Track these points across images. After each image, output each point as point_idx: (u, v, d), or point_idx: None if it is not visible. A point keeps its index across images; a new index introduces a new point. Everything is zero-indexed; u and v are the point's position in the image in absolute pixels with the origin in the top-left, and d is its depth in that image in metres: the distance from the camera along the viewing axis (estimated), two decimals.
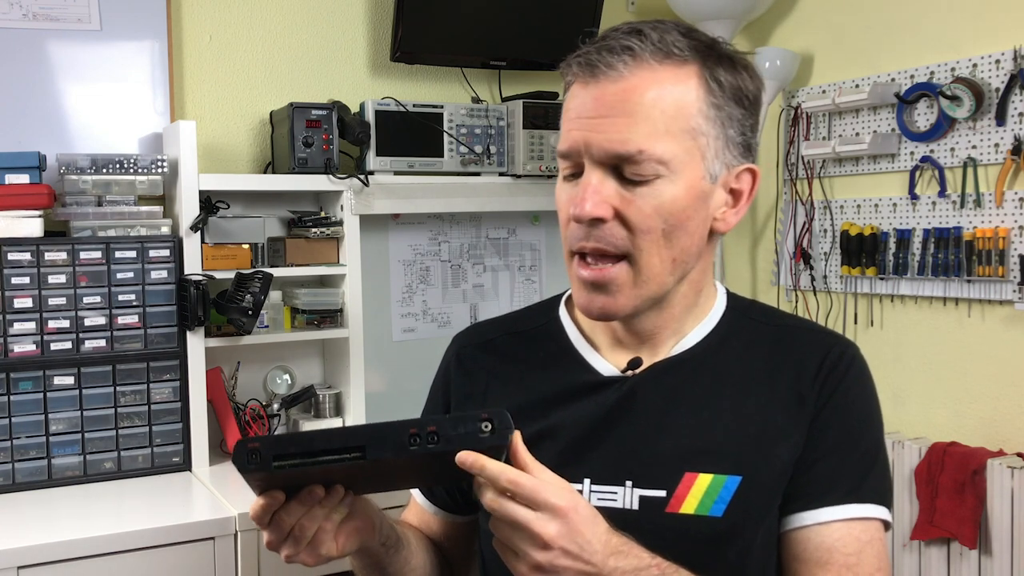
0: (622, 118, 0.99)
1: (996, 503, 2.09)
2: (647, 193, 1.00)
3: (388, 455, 0.83)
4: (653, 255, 1.02)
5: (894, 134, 2.43)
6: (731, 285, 2.86)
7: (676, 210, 1.01)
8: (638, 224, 1.01)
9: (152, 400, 2.18)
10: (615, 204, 1.00)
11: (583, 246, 1.03)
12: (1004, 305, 2.21)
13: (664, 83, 1.00)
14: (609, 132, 0.99)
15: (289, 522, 0.92)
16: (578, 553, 0.87)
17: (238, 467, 0.84)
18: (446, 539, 1.26)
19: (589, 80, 1.01)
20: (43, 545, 1.75)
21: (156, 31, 2.39)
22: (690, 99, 1.01)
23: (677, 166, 1.00)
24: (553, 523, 0.86)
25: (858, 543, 1.04)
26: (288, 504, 0.91)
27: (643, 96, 0.99)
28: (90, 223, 2.15)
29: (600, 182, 1.01)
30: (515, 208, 2.67)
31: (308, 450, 0.84)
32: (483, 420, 0.84)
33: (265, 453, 0.84)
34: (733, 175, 1.06)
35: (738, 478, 1.05)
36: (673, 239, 1.02)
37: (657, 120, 0.99)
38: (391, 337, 2.72)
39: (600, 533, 0.89)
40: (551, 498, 0.86)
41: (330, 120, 2.37)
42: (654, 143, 0.99)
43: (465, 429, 0.84)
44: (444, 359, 1.27)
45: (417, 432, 0.83)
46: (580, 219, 1.01)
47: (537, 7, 2.71)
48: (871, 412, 1.12)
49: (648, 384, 1.10)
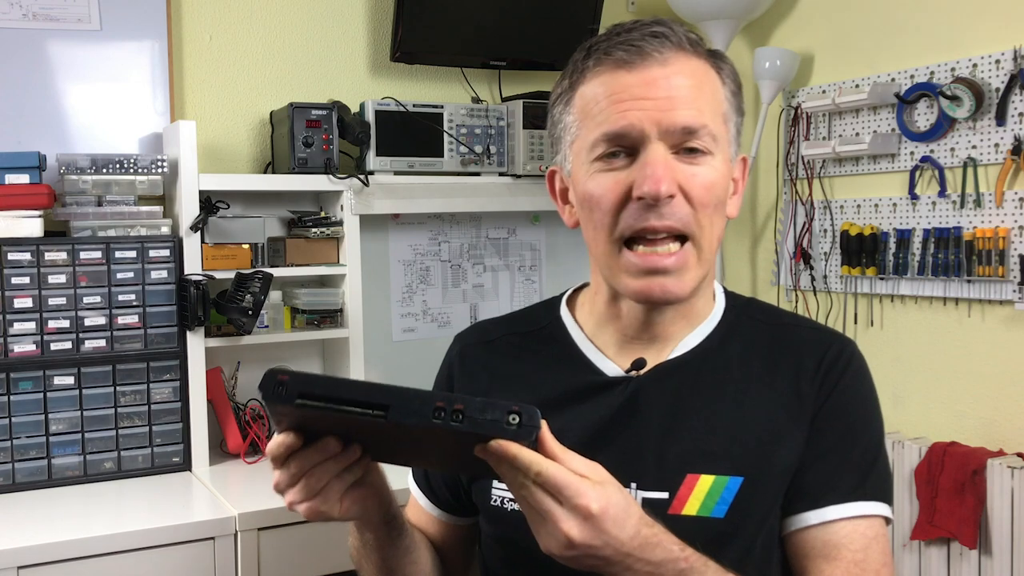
0: (685, 94, 1.02)
1: (996, 503, 2.09)
2: (701, 171, 1.03)
3: (410, 421, 0.82)
4: (708, 233, 1.05)
5: (894, 134, 2.43)
6: (731, 285, 2.86)
7: (722, 187, 1.06)
8: (699, 199, 1.03)
9: (152, 400, 2.17)
10: (680, 181, 1.02)
11: (652, 226, 1.02)
12: (1004, 305, 2.21)
13: (698, 71, 1.05)
14: (678, 107, 1.02)
15: (302, 467, 0.91)
16: (600, 549, 0.85)
17: (263, 394, 0.83)
18: (444, 543, 1.26)
19: (635, 64, 1.03)
20: (43, 545, 1.75)
21: (156, 31, 2.39)
22: (718, 86, 1.07)
23: (722, 146, 1.06)
24: (579, 525, 0.84)
25: (864, 539, 1.05)
26: (304, 450, 0.90)
27: (690, 79, 1.04)
28: (90, 223, 2.15)
29: (668, 158, 1.02)
30: (515, 208, 2.67)
31: (334, 395, 0.83)
32: (512, 412, 0.82)
33: (291, 387, 0.83)
34: (736, 162, 1.12)
35: (740, 479, 1.05)
36: (718, 217, 1.06)
37: (707, 99, 1.04)
38: (391, 337, 2.72)
39: (630, 527, 0.87)
40: (581, 500, 0.84)
41: (330, 120, 2.36)
42: (711, 120, 1.04)
43: (492, 416, 0.82)
44: (446, 359, 1.27)
45: (444, 406, 0.82)
46: (657, 197, 1.00)
47: (537, 7, 2.71)
48: (871, 409, 1.12)
49: (652, 385, 1.10)
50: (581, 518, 0.84)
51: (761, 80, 2.65)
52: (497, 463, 0.84)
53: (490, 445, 0.82)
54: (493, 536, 1.17)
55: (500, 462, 0.83)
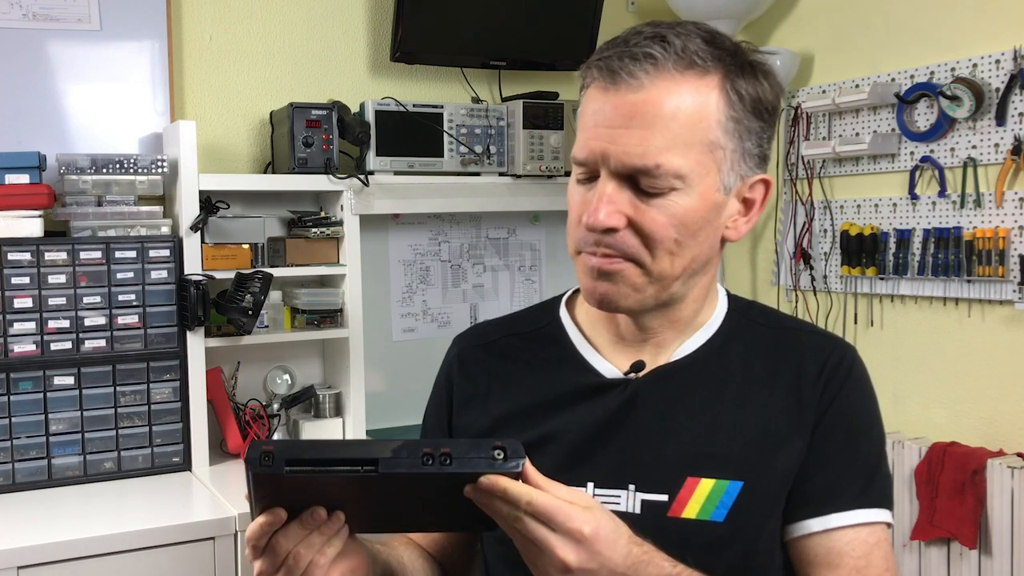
0: (640, 130, 0.98)
1: (996, 503, 2.09)
2: (661, 204, 1.00)
3: (401, 470, 0.83)
4: (664, 262, 1.02)
5: (894, 134, 2.43)
6: (731, 285, 2.87)
7: (689, 221, 1.01)
8: (651, 234, 1.00)
9: (152, 400, 2.18)
10: (628, 213, 1.00)
11: (592, 251, 1.03)
12: (1004, 305, 2.21)
13: (684, 94, 0.99)
14: (627, 144, 0.98)
15: (285, 546, 0.90)
16: (597, 571, 0.87)
17: (250, 467, 0.84)
18: (444, 549, 1.25)
19: (609, 87, 1.00)
20: (43, 545, 1.75)
21: (156, 31, 2.39)
22: (710, 111, 1.00)
23: (693, 179, 1.00)
24: (574, 548, 0.86)
25: (866, 546, 1.05)
26: (287, 527, 0.90)
27: (662, 108, 0.98)
28: (90, 223, 2.15)
29: (615, 192, 1.00)
30: (515, 208, 2.66)
31: (322, 457, 0.84)
32: (496, 448, 0.85)
33: (279, 456, 0.83)
34: (747, 185, 1.06)
35: (739, 483, 1.05)
36: (685, 248, 1.02)
37: (676, 133, 0.98)
38: (391, 337, 2.72)
39: (621, 547, 0.89)
40: (572, 524, 0.86)
41: (330, 120, 2.36)
42: (671, 157, 0.98)
43: (478, 454, 0.85)
44: (445, 360, 1.27)
45: (431, 452, 0.83)
46: (593, 228, 1.00)
47: (537, 7, 2.71)
48: (872, 416, 1.12)
49: (651, 388, 1.10)
50: (575, 542, 0.86)
51: None
52: (488, 500, 0.85)
53: (480, 482, 0.84)
54: (495, 537, 1.17)
55: (491, 498, 0.85)
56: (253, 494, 0.89)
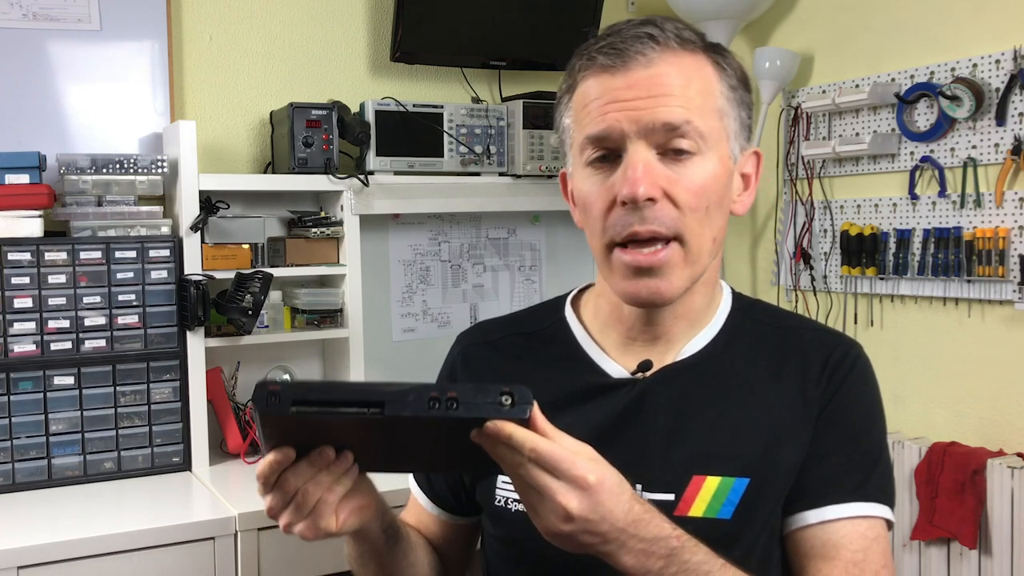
0: (663, 96, 1.01)
1: (996, 503, 2.09)
2: (690, 171, 1.02)
3: (407, 413, 0.82)
4: (699, 234, 1.03)
5: (894, 134, 2.43)
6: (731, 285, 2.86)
7: (715, 188, 1.04)
8: (686, 202, 1.01)
9: (152, 400, 2.17)
10: (663, 185, 1.01)
11: (636, 231, 1.01)
12: (1004, 305, 2.21)
13: (688, 67, 1.03)
14: (655, 107, 1.01)
15: (295, 484, 0.90)
16: (598, 524, 0.86)
17: (257, 407, 0.83)
18: (444, 541, 1.26)
19: (617, 67, 1.02)
20: (43, 545, 1.75)
21: (156, 31, 2.39)
22: (713, 81, 1.05)
23: (713, 143, 1.03)
24: (577, 496, 0.85)
25: (864, 540, 1.05)
26: (296, 464, 0.90)
27: (675, 79, 1.02)
28: (90, 223, 2.15)
29: (649, 161, 1.01)
30: (515, 208, 2.67)
31: (328, 398, 0.83)
32: (504, 393, 0.83)
33: (285, 396, 0.82)
34: (744, 158, 1.10)
35: (746, 480, 1.05)
36: (713, 217, 1.05)
37: (692, 98, 1.02)
38: (391, 337, 2.72)
39: (624, 502, 0.88)
40: (577, 471, 0.85)
41: (330, 120, 2.36)
42: (697, 116, 1.02)
43: (485, 399, 0.83)
44: (448, 358, 1.27)
45: (438, 396, 0.82)
46: (635, 200, 1.00)
47: (537, 7, 2.71)
48: (874, 411, 1.12)
49: (658, 387, 1.10)
50: (579, 489, 0.85)
51: (761, 80, 2.65)
52: (493, 445, 0.84)
53: (486, 427, 0.83)
54: (496, 536, 1.17)
55: (496, 444, 0.84)
56: (262, 433, 0.88)
